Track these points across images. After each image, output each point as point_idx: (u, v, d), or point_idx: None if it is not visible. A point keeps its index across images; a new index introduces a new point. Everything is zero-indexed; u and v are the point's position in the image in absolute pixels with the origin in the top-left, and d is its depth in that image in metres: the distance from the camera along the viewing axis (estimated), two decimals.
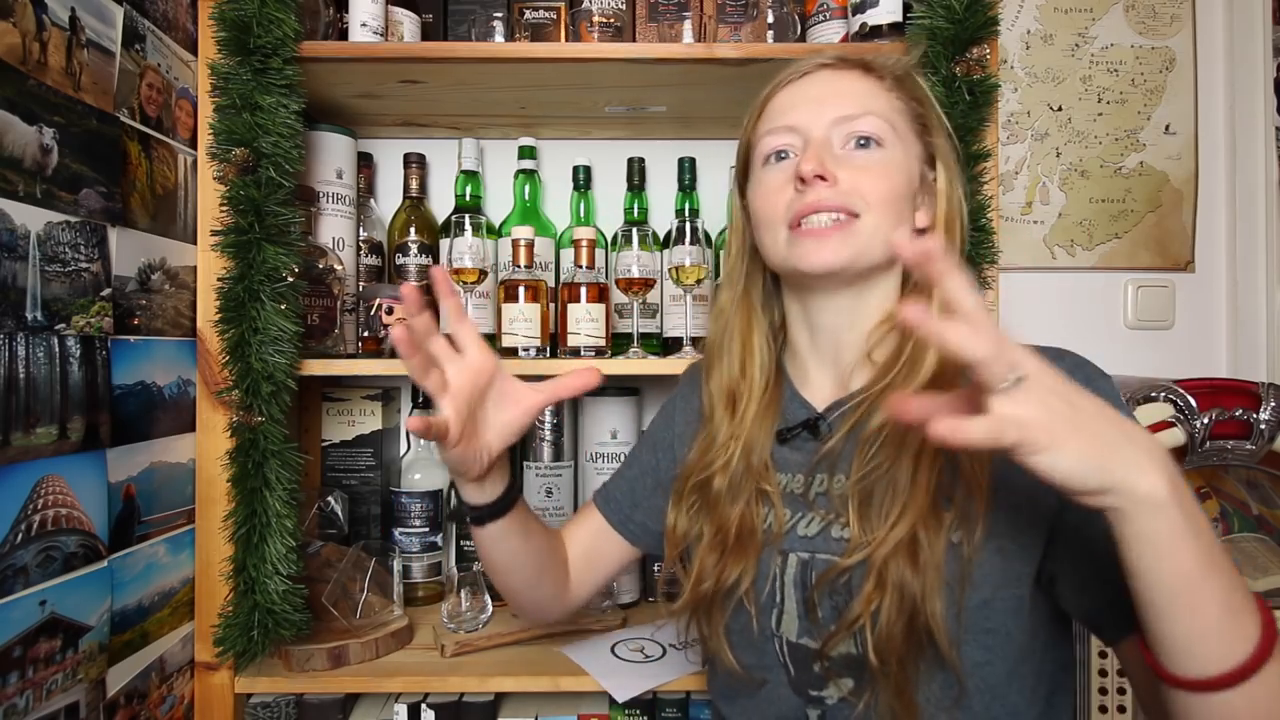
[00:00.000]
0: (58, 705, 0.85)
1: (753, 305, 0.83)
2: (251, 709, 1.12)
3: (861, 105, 0.74)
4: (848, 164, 0.72)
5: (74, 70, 0.89)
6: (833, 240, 0.71)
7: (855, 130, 0.73)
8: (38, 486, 0.82)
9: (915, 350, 0.72)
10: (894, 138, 0.74)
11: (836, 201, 0.71)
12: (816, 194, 0.71)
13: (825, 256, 0.71)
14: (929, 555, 0.65)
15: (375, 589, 1.18)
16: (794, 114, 0.75)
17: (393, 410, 1.46)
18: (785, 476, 0.78)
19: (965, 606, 0.66)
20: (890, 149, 0.74)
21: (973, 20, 1.03)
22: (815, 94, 0.75)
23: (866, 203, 0.72)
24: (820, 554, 0.73)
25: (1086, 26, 1.53)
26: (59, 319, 0.86)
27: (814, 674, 0.72)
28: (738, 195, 0.84)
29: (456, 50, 1.12)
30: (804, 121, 0.74)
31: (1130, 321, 1.54)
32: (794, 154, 0.75)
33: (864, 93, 0.75)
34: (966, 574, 0.66)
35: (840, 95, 0.74)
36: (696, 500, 0.81)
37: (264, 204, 1.03)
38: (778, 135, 0.75)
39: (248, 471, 1.04)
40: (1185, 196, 1.54)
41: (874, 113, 0.73)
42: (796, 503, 0.77)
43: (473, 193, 1.39)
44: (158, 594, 1.04)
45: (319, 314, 1.17)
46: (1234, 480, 1.20)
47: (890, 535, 0.66)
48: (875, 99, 0.75)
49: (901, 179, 0.74)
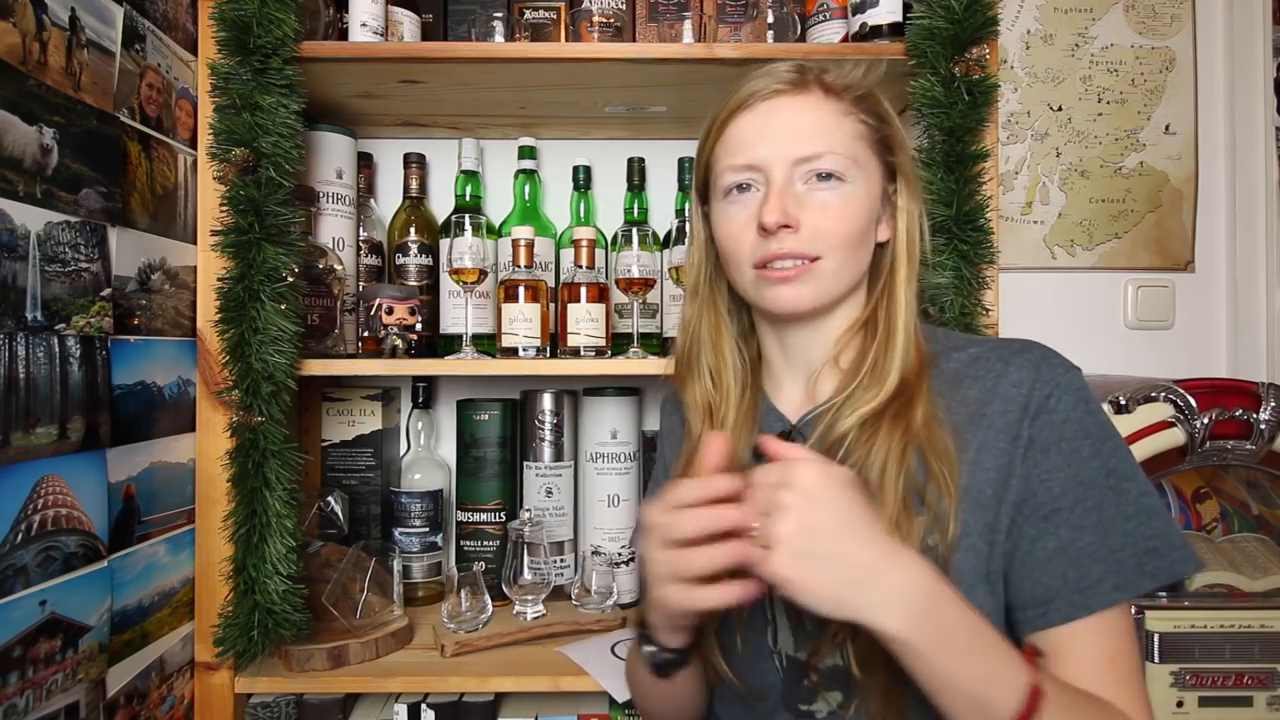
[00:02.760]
0: (58, 705, 0.85)
1: (720, 314, 0.83)
2: (251, 709, 1.13)
3: (824, 141, 0.72)
4: (810, 202, 0.72)
5: (74, 70, 0.89)
6: (796, 285, 0.72)
7: (816, 169, 0.73)
8: (38, 486, 0.82)
9: (878, 356, 0.73)
10: (855, 169, 0.73)
11: (799, 249, 0.72)
12: (780, 242, 0.72)
13: (790, 302, 0.73)
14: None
15: (375, 589, 1.18)
16: (755, 150, 0.74)
17: (393, 410, 1.47)
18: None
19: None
20: (852, 183, 0.73)
21: (972, 20, 1.03)
22: (776, 128, 0.73)
23: (829, 245, 0.72)
24: None
25: (1086, 26, 1.53)
26: (59, 319, 0.86)
27: (803, 687, 0.72)
28: (697, 205, 0.83)
29: (456, 50, 1.12)
30: (765, 159, 0.73)
31: (1130, 321, 1.54)
32: (756, 187, 0.74)
33: (825, 124, 0.73)
34: (945, 577, 0.66)
35: (802, 130, 0.73)
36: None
37: (264, 204, 1.03)
38: (739, 172, 0.75)
39: (248, 471, 1.04)
40: (1185, 196, 1.54)
41: (835, 150, 0.72)
42: None
43: (473, 193, 1.40)
44: (158, 594, 1.04)
45: (319, 314, 1.17)
46: (1234, 480, 1.19)
47: None
48: (837, 130, 0.73)
49: (862, 212, 0.74)
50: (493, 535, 1.35)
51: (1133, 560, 0.65)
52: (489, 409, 1.36)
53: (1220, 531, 1.18)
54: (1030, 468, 0.67)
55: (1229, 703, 1.06)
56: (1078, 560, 0.65)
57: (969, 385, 0.71)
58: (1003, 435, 0.68)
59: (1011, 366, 0.70)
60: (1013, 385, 0.69)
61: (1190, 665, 1.06)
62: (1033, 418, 0.67)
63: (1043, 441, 0.67)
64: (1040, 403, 0.67)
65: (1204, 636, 1.05)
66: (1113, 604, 0.65)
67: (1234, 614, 1.06)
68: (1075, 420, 0.67)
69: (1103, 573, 0.65)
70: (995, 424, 0.68)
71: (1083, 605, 0.64)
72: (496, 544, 1.34)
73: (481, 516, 1.35)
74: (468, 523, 1.35)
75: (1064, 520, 0.66)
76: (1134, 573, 0.65)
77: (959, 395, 0.71)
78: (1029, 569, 0.66)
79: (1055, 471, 0.66)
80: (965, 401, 0.70)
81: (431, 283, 1.36)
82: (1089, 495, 0.66)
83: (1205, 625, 1.05)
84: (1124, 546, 0.65)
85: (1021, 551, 0.67)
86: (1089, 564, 0.65)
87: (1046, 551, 0.66)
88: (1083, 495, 0.66)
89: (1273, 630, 1.06)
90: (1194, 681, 1.06)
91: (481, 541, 1.35)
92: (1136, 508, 0.66)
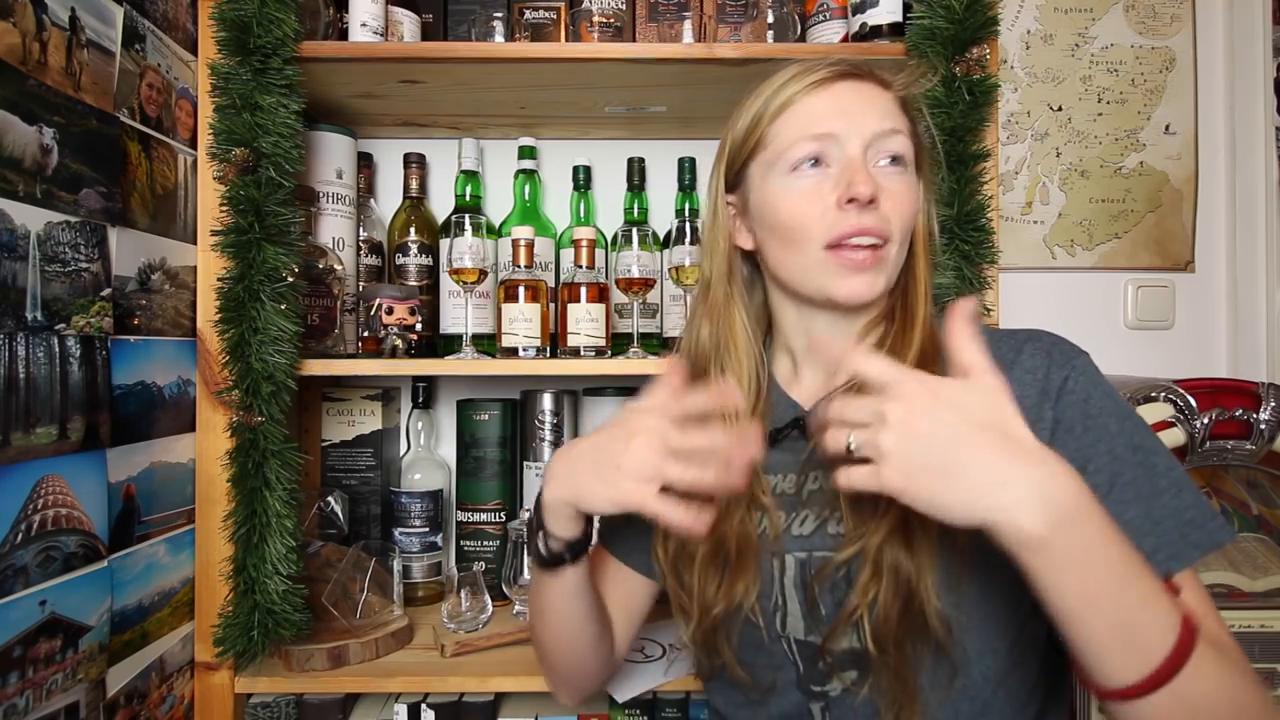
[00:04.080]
0: (58, 705, 0.85)
1: (737, 305, 0.81)
2: (251, 709, 1.12)
3: (894, 122, 0.74)
4: (884, 184, 0.72)
5: (74, 70, 0.89)
6: (869, 272, 0.72)
7: (890, 149, 0.73)
8: (38, 486, 0.82)
9: (895, 344, 0.73)
10: (912, 159, 0.75)
11: (879, 227, 0.71)
12: (862, 217, 0.70)
13: (862, 289, 0.72)
14: (922, 536, 0.66)
15: (375, 589, 1.18)
16: (831, 122, 0.72)
17: (393, 410, 1.47)
18: (776, 478, 0.78)
19: (965, 593, 0.67)
20: (912, 171, 0.75)
21: (972, 20, 1.03)
22: (850, 106, 0.73)
23: (897, 229, 0.73)
24: (817, 551, 0.73)
25: (1086, 26, 1.53)
26: (59, 319, 0.86)
27: (819, 670, 0.73)
28: (723, 192, 0.82)
29: (456, 50, 1.12)
30: (842, 131, 0.71)
31: (1130, 321, 1.54)
32: (829, 164, 0.73)
33: (891, 110, 0.75)
34: (964, 560, 0.66)
35: (874, 110, 0.73)
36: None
37: (264, 204, 1.03)
38: (812, 142, 0.72)
39: (248, 471, 1.04)
40: (1185, 196, 1.54)
41: (903, 132, 0.74)
42: (790, 503, 0.76)
43: (473, 193, 1.40)
44: (158, 594, 1.04)
45: (319, 314, 1.17)
46: (1234, 480, 1.20)
47: (882, 522, 0.67)
48: (900, 116, 0.75)
49: (917, 201, 0.75)
50: (493, 535, 1.35)
51: (1175, 531, 0.64)
52: (489, 409, 1.36)
53: None
54: (1060, 448, 0.65)
55: None
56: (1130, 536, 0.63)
57: None
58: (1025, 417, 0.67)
59: (1023, 354, 0.71)
60: (1027, 371, 0.70)
61: None
62: (1055, 400, 0.67)
63: (1068, 421, 0.67)
64: (1060, 385, 0.68)
65: None
66: (1169, 575, 0.63)
67: (1234, 614, 1.06)
68: (1096, 398, 0.67)
69: (1154, 545, 0.63)
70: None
71: None
72: (496, 544, 1.34)
73: (481, 516, 1.35)
74: (468, 523, 1.35)
75: (1105, 498, 0.63)
76: (1179, 543, 0.64)
77: None
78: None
79: (1086, 448, 0.66)
80: None
81: (431, 283, 1.36)
82: (1124, 470, 0.65)
83: None
84: (1165, 518, 0.64)
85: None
86: (1139, 537, 0.62)
87: None
88: (1119, 470, 0.65)
89: (1273, 630, 1.06)
90: None
91: (481, 541, 1.35)
92: (1169, 481, 0.66)
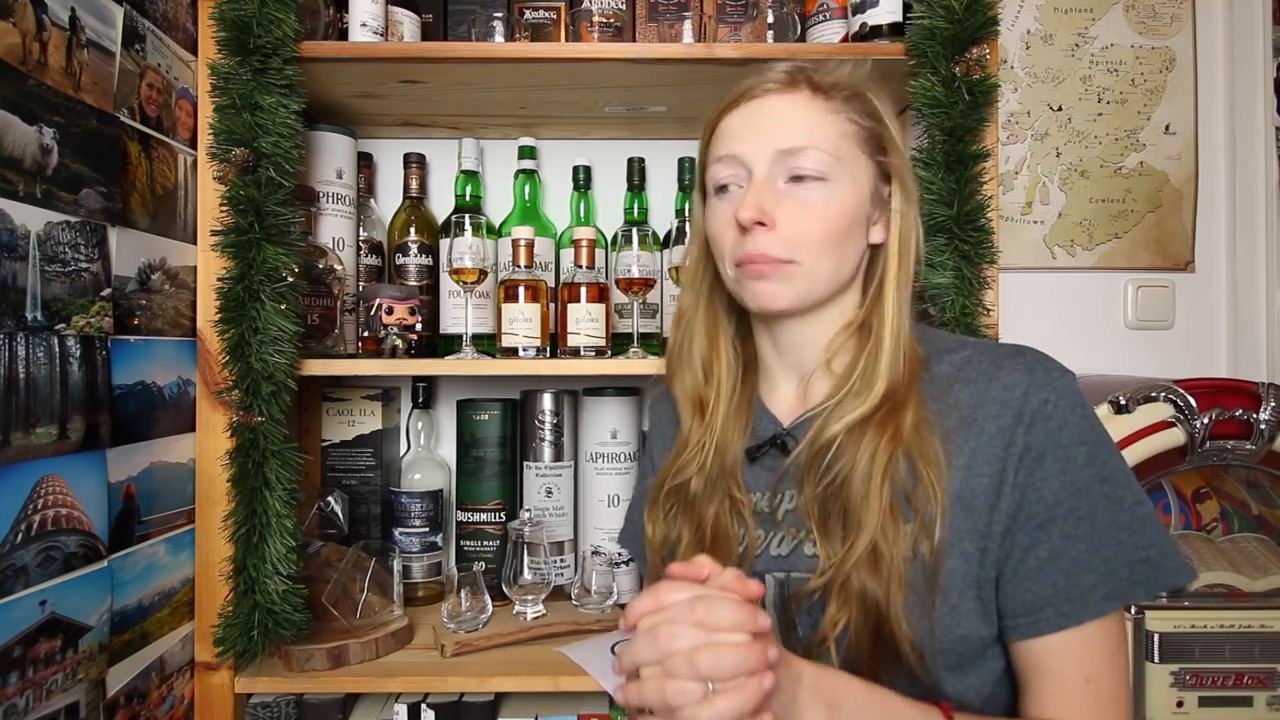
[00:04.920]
0: (58, 705, 0.85)
1: (717, 309, 0.83)
2: (251, 709, 1.13)
3: (805, 137, 0.72)
4: (789, 201, 0.72)
5: (74, 70, 0.89)
6: (773, 281, 0.72)
7: (796, 166, 0.72)
8: (38, 486, 0.82)
9: (868, 363, 0.73)
10: (838, 168, 0.72)
11: (774, 252, 0.72)
12: (754, 242, 0.72)
13: (767, 298, 0.73)
14: (890, 562, 0.66)
15: (375, 589, 1.18)
16: (738, 143, 0.74)
17: (393, 410, 1.47)
18: (755, 496, 0.78)
19: (937, 617, 0.66)
20: (835, 182, 0.72)
21: (972, 20, 1.03)
22: (760, 123, 0.74)
23: (806, 247, 0.72)
24: (794, 573, 0.73)
25: (1086, 26, 1.53)
26: (59, 319, 0.86)
27: None
28: (699, 200, 0.83)
29: (456, 50, 1.12)
30: (746, 152, 0.73)
31: (1130, 321, 1.54)
32: (737, 186, 0.74)
33: (808, 120, 0.73)
34: (934, 583, 0.66)
35: (784, 126, 0.73)
36: (673, 505, 0.81)
37: (264, 204, 1.03)
38: (724, 165, 0.75)
39: (248, 471, 1.04)
40: (1185, 196, 1.54)
41: (816, 145, 0.72)
42: (766, 522, 0.76)
43: (473, 193, 1.40)
44: (158, 594, 1.04)
45: (319, 314, 1.17)
46: (1234, 480, 1.19)
47: (850, 551, 0.67)
48: (821, 126, 0.73)
49: (845, 213, 0.73)
50: (493, 535, 1.35)
51: (1125, 569, 0.64)
52: (489, 409, 1.36)
53: (1220, 531, 1.18)
54: (1026, 476, 0.66)
55: (1229, 703, 1.06)
56: (1069, 569, 0.64)
57: (960, 389, 0.71)
58: (996, 441, 0.67)
59: (1003, 370, 0.69)
60: (1005, 389, 0.68)
61: (1190, 665, 1.06)
62: (1028, 424, 0.67)
63: (1038, 449, 0.66)
64: (1036, 408, 0.67)
65: (1204, 636, 1.05)
66: (1103, 614, 0.64)
67: (1234, 614, 1.06)
68: (1071, 426, 0.67)
69: (1094, 582, 0.64)
70: (987, 429, 0.68)
71: (1072, 615, 0.64)
72: (496, 544, 1.34)
73: (481, 516, 1.35)
74: (468, 523, 1.35)
75: (1057, 529, 0.65)
76: (1125, 582, 0.64)
77: (950, 399, 0.70)
78: (1021, 577, 0.66)
79: (1050, 479, 0.66)
80: (956, 406, 0.70)
81: (431, 283, 1.36)
82: (1083, 503, 0.65)
83: (1205, 625, 1.05)
84: (1116, 555, 0.65)
85: (1014, 560, 0.66)
86: (1080, 573, 0.64)
87: (1039, 560, 0.65)
88: (1077, 504, 0.65)
89: (1273, 630, 1.06)
90: (1194, 681, 1.06)
91: (481, 541, 1.35)
92: (1131, 516, 0.66)
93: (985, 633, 0.67)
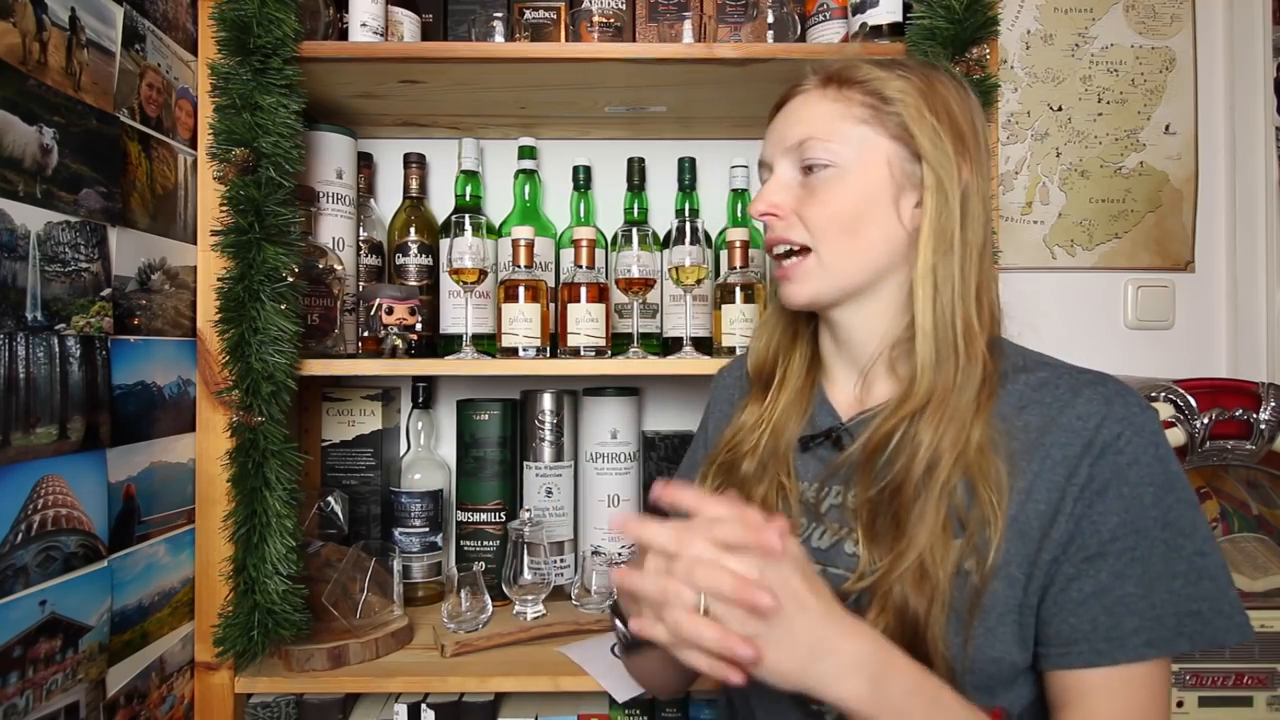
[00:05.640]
0: (58, 705, 0.85)
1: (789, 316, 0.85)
2: (251, 709, 1.13)
3: (807, 128, 0.73)
4: (802, 190, 0.74)
5: (74, 70, 0.89)
6: (793, 280, 0.75)
7: (804, 157, 0.73)
8: (38, 486, 0.82)
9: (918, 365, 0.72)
10: (849, 153, 0.71)
11: (789, 235, 0.74)
12: (772, 231, 0.76)
13: (791, 296, 0.76)
14: (935, 580, 0.64)
15: (375, 589, 1.18)
16: (765, 149, 0.78)
17: (393, 410, 1.47)
18: (803, 484, 0.78)
19: (972, 636, 0.65)
20: (843, 166, 0.71)
21: (973, 20, 1.03)
22: (778, 127, 0.77)
23: (819, 233, 0.72)
24: (831, 568, 0.72)
25: (1086, 26, 1.53)
26: (59, 319, 0.86)
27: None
28: None
29: (456, 50, 1.12)
30: (768, 154, 0.78)
31: (1130, 321, 1.54)
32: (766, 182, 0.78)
33: (815, 112, 0.74)
34: (976, 604, 0.65)
35: (796, 122, 0.75)
36: (722, 482, 0.81)
37: (264, 204, 1.03)
38: (761, 171, 0.79)
39: (248, 471, 1.04)
40: (1185, 196, 1.54)
41: (816, 133, 0.72)
42: (810, 513, 0.76)
43: (473, 193, 1.40)
44: (158, 594, 1.04)
45: (319, 314, 1.17)
46: (1234, 480, 1.20)
47: (898, 562, 0.65)
48: (829, 116, 0.73)
49: (857, 197, 0.71)
50: (493, 535, 1.35)
51: (1173, 619, 0.62)
52: (489, 409, 1.36)
53: (1220, 531, 1.18)
54: (1084, 508, 0.64)
55: (1229, 703, 1.06)
56: (1113, 608, 0.62)
57: (1032, 410, 0.68)
58: (1060, 469, 0.65)
59: (1080, 398, 0.67)
60: (1078, 418, 0.66)
61: (1190, 665, 1.06)
62: (1096, 456, 0.64)
63: (1101, 481, 0.64)
64: (1108, 441, 0.64)
65: None
66: (1141, 659, 0.62)
67: None
68: (1143, 465, 0.64)
69: (1136, 625, 0.62)
70: (1053, 455, 0.65)
71: (1107, 654, 0.62)
72: (496, 544, 1.34)
73: (481, 516, 1.35)
74: (468, 523, 1.35)
75: (1107, 565, 0.63)
76: (1171, 632, 0.62)
77: (1019, 420, 0.68)
78: (1060, 606, 0.64)
79: (1109, 515, 0.63)
80: (1026, 428, 0.68)
81: (431, 283, 1.36)
82: (1140, 544, 0.63)
83: None
84: (1166, 603, 0.62)
85: (1056, 588, 0.64)
86: (1124, 614, 0.62)
87: (1082, 593, 0.63)
88: (1134, 543, 0.63)
89: (1273, 630, 1.06)
90: (1194, 681, 1.06)
91: (481, 541, 1.35)
92: (1188, 566, 0.63)
93: (1019, 658, 0.65)
